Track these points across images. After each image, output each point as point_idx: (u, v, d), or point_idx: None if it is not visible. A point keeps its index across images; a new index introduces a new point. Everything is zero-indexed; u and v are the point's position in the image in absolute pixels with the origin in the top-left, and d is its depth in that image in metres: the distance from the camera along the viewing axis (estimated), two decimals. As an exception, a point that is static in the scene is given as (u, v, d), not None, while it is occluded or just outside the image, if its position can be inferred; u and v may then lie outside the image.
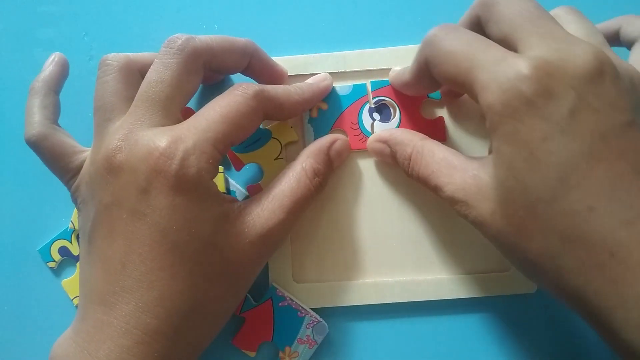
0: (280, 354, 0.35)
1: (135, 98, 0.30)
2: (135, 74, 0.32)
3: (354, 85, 0.38)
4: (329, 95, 0.38)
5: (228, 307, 0.32)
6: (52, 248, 0.39)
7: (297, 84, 0.36)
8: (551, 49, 0.25)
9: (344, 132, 0.38)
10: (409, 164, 0.33)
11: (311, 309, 0.36)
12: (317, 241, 0.37)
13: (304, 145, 0.37)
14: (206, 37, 0.32)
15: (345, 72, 0.38)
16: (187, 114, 0.32)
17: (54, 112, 0.34)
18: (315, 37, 0.40)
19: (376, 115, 0.38)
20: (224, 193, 0.35)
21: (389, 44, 0.39)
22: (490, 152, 0.28)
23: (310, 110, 0.38)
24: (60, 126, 0.34)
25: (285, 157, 0.37)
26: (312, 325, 0.35)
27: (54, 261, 0.39)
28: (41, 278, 0.39)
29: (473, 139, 0.38)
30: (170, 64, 0.30)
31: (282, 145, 0.37)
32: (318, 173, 0.33)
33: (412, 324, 0.37)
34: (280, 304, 0.36)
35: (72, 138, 0.34)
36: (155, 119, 0.30)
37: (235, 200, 0.31)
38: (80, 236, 0.31)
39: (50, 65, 0.34)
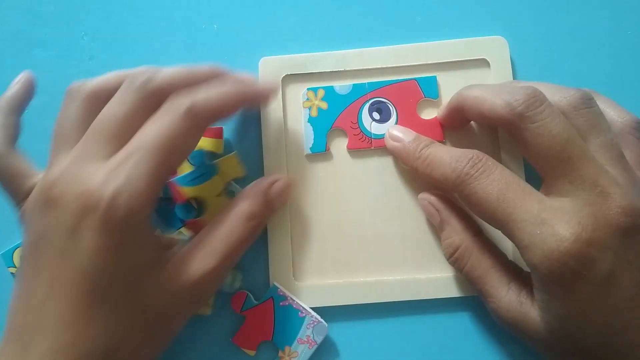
0: (280, 354, 0.35)
1: (87, 131, 0.30)
2: (101, 104, 0.32)
3: (353, 84, 0.38)
4: (329, 94, 0.38)
5: (146, 356, 0.30)
6: (14, 254, 0.38)
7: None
8: (585, 207, 0.28)
9: (343, 131, 0.38)
10: (452, 253, 0.34)
11: (312, 308, 0.36)
12: (317, 240, 0.37)
13: (304, 144, 0.37)
14: (169, 73, 0.31)
15: (345, 71, 0.38)
16: None
17: (13, 133, 0.34)
18: (315, 36, 0.40)
19: (376, 115, 0.38)
20: (221, 195, 0.36)
21: (390, 43, 0.39)
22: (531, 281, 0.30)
23: (310, 109, 0.38)
24: (17, 148, 0.34)
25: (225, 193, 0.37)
26: (312, 325, 0.35)
27: (16, 267, 0.38)
28: (1, 282, 0.38)
29: (470, 139, 0.38)
30: (127, 100, 0.30)
31: (227, 181, 0.37)
32: (253, 216, 0.32)
33: (414, 322, 0.36)
34: (281, 303, 0.36)
35: (27, 161, 0.34)
36: (101, 153, 0.29)
37: (170, 243, 0.31)
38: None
39: (15, 85, 0.34)
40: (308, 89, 0.38)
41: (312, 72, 0.38)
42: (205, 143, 0.37)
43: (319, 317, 0.35)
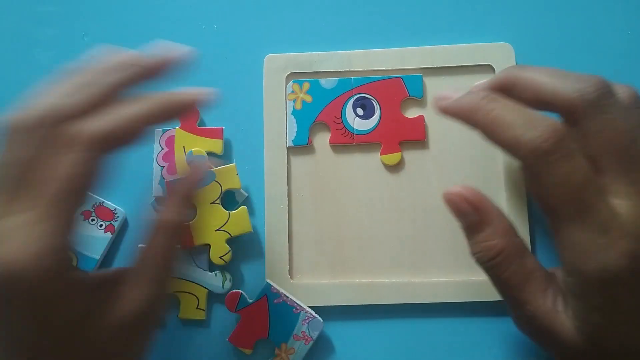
0: (277, 351, 0.36)
1: None
2: None
3: (339, 79, 0.38)
4: (314, 88, 0.38)
5: None
6: None
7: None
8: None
9: (326, 126, 0.38)
10: (491, 257, 0.29)
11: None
12: (314, 240, 0.37)
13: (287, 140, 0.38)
14: (68, 107, 0.27)
15: (349, 72, 0.38)
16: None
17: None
18: (321, 35, 0.40)
19: (359, 111, 0.38)
20: (215, 203, 0.36)
21: (395, 45, 0.39)
22: (566, 283, 0.28)
23: (295, 101, 0.38)
24: None
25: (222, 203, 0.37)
26: (307, 321, 0.36)
27: None
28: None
29: (452, 138, 0.38)
30: (28, 144, 0.27)
31: (223, 190, 0.37)
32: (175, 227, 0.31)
33: (408, 325, 0.37)
34: (275, 300, 0.36)
35: None
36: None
37: (100, 278, 0.30)
38: None
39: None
40: (293, 82, 0.38)
41: (318, 71, 0.38)
42: (205, 144, 0.38)
43: (313, 313, 0.36)
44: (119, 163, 0.38)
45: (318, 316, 0.36)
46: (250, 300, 0.36)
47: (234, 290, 0.37)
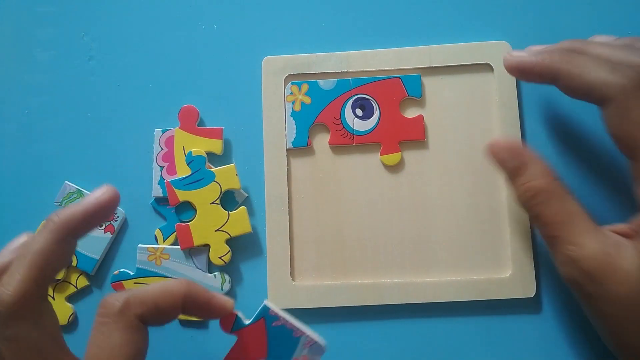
0: (276, 374, 0.34)
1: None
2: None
3: (337, 80, 0.38)
4: (313, 89, 0.38)
5: None
6: None
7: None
8: None
9: (326, 127, 0.38)
10: (532, 196, 0.31)
11: (308, 309, 0.36)
12: (315, 242, 0.37)
13: (286, 141, 0.37)
14: (142, 294, 0.28)
15: (348, 72, 0.38)
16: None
17: (52, 271, 0.29)
18: (319, 36, 0.40)
19: (359, 112, 0.38)
20: (215, 203, 0.36)
21: (393, 45, 0.39)
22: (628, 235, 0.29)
23: (294, 103, 0.38)
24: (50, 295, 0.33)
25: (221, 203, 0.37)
26: (308, 345, 0.34)
27: None
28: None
29: (452, 138, 0.38)
30: (108, 330, 0.28)
31: (222, 190, 0.37)
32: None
33: (410, 325, 0.36)
34: (273, 323, 0.33)
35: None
36: None
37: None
38: None
39: (89, 202, 0.30)
40: (292, 83, 0.38)
41: (316, 72, 0.38)
42: (205, 144, 0.38)
43: (315, 337, 0.33)
44: (119, 163, 0.39)
45: (320, 340, 0.34)
46: (246, 323, 0.33)
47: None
